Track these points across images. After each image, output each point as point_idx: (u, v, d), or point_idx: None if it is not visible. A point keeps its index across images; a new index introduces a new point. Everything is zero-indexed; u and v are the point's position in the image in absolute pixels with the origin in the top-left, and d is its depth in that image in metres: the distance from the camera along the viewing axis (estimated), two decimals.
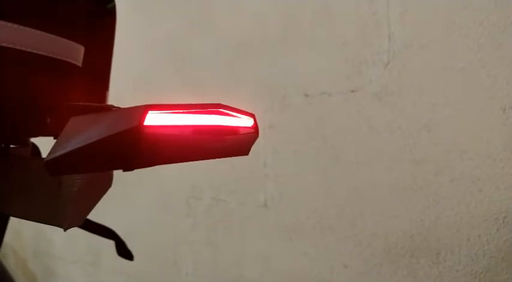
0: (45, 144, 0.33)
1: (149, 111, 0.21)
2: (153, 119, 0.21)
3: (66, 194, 0.28)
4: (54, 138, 0.26)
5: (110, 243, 0.46)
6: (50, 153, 0.22)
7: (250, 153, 0.31)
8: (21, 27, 0.27)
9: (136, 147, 0.20)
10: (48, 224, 0.30)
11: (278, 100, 0.80)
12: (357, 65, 0.71)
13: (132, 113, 0.21)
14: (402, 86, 0.67)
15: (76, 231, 0.46)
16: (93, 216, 0.41)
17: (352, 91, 0.72)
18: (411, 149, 0.67)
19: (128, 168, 0.22)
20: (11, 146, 0.33)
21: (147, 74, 1.01)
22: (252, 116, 0.29)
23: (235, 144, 0.29)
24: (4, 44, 0.26)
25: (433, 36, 0.65)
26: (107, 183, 0.35)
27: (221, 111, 0.26)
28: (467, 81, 0.62)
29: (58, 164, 0.21)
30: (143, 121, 0.20)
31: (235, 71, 0.87)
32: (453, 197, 0.64)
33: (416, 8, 0.66)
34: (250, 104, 0.31)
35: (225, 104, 0.26)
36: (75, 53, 0.32)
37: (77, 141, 0.21)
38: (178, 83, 0.96)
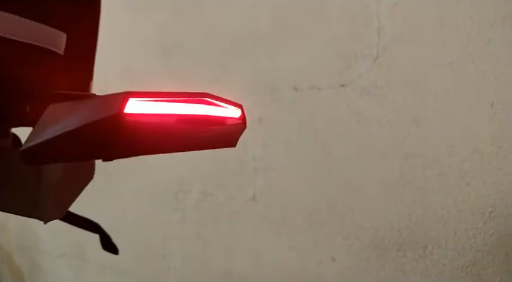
0: (26, 135, 0.32)
1: (130, 98, 0.20)
2: (135, 106, 0.20)
3: (46, 185, 0.27)
4: None
5: (97, 238, 0.45)
6: (26, 142, 0.21)
7: (238, 147, 0.31)
8: None
9: (116, 136, 0.20)
10: (28, 216, 0.29)
11: (267, 93, 0.79)
12: (347, 59, 0.71)
13: (112, 100, 0.20)
14: (391, 81, 0.67)
15: (62, 225, 0.45)
16: (79, 209, 0.40)
17: (342, 85, 0.72)
18: (400, 144, 0.67)
19: (107, 158, 0.21)
20: None
21: (135, 67, 0.99)
22: (240, 106, 0.28)
23: (222, 135, 0.28)
24: None
25: (422, 31, 0.65)
26: (88, 175, 0.34)
27: (207, 101, 0.25)
28: (456, 76, 0.62)
29: (34, 153, 0.20)
30: (123, 108, 0.19)
31: (224, 64, 0.86)
32: (441, 191, 0.64)
33: (406, 2, 0.66)
34: (239, 97, 0.31)
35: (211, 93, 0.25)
36: (56, 40, 0.31)
37: (54, 129, 0.20)
38: (167, 76, 0.94)
